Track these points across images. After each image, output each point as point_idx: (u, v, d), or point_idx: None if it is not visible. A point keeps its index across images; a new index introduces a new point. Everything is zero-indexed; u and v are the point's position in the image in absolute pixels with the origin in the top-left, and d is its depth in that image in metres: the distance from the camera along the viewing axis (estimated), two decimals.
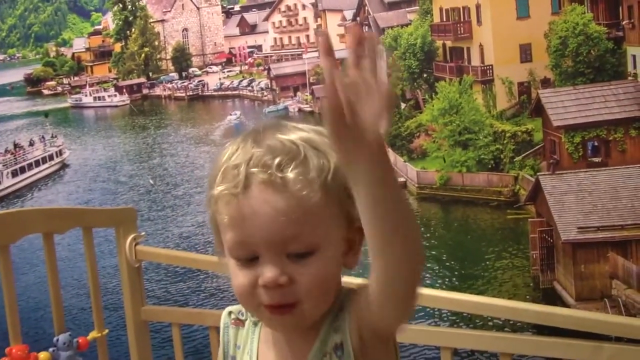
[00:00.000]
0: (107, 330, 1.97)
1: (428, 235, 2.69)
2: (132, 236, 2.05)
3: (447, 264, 2.67)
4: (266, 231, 0.79)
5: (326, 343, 0.86)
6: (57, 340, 1.61)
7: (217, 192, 0.82)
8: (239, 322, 0.94)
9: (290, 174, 0.79)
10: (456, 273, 2.62)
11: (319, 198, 0.80)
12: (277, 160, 0.80)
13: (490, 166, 3.30)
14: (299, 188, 0.79)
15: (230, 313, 0.95)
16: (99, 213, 2.00)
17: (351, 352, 0.83)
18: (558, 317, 1.45)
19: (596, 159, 2.73)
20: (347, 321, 0.84)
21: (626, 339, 1.44)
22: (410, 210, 0.77)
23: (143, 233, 2.16)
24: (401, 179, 2.83)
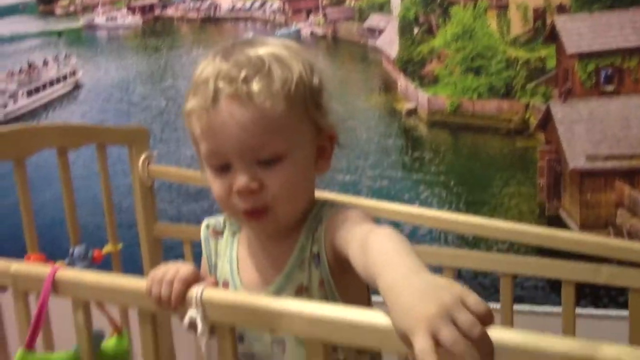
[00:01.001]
0: (121, 245, 2.01)
1: (437, 161, 2.67)
2: (145, 155, 2.07)
3: (455, 190, 2.64)
4: (235, 142, 0.84)
5: (304, 251, 0.91)
6: (73, 251, 1.64)
7: (189, 107, 0.87)
8: (217, 234, 1.00)
9: (255, 87, 0.83)
10: (463, 199, 2.62)
11: (283, 109, 0.84)
12: (242, 74, 0.83)
13: (501, 93, 3.22)
14: (263, 100, 0.83)
15: (207, 226, 1.01)
16: (112, 131, 2.01)
17: (326, 263, 0.88)
18: (559, 240, 1.47)
19: (609, 88, 2.66)
20: (323, 238, 0.88)
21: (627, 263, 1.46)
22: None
23: (155, 152, 2.18)
24: (411, 105, 2.81)
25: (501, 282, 1.57)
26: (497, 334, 0.60)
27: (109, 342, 1.10)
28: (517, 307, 1.56)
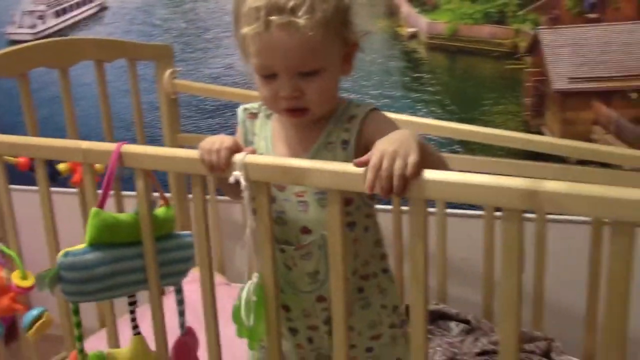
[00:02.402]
0: None
1: (434, 82, 2.81)
2: (170, 70, 2.26)
3: (449, 108, 2.78)
4: (283, 59, 1.04)
5: (331, 136, 1.13)
6: None
7: (244, 31, 1.05)
8: (253, 116, 1.22)
9: (301, 20, 1.01)
10: (456, 116, 2.77)
11: (321, 35, 1.03)
12: (290, 6, 1.02)
13: (495, 19, 3.32)
14: (308, 30, 1.02)
15: (245, 109, 1.23)
16: (141, 47, 2.19)
17: (353, 149, 1.10)
18: (536, 143, 1.69)
19: (592, 15, 2.76)
20: (355, 132, 1.11)
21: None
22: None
23: (179, 68, 2.36)
24: (413, 29, 2.91)
25: None
26: (443, 175, 0.88)
27: (159, 210, 1.32)
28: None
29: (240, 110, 1.24)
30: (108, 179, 1.21)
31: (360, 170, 0.95)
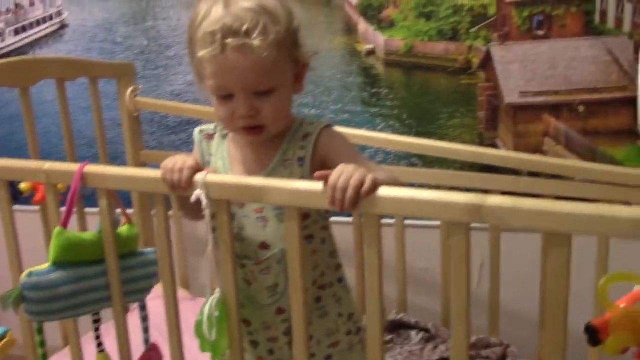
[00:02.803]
0: None
1: (392, 97, 2.86)
2: (131, 88, 2.28)
3: (407, 122, 2.84)
4: (239, 81, 1.08)
5: (287, 154, 1.17)
6: None
7: (200, 54, 1.09)
8: (209, 137, 1.26)
9: (255, 42, 1.06)
10: (414, 130, 2.83)
11: (274, 56, 1.08)
12: (244, 29, 1.05)
13: (449, 36, 3.39)
14: (262, 51, 1.06)
15: (201, 131, 1.27)
16: (103, 65, 2.20)
17: (309, 166, 1.14)
18: (488, 156, 1.76)
19: (540, 32, 2.85)
20: (311, 149, 1.16)
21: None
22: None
23: (141, 85, 2.38)
24: (370, 46, 2.98)
25: None
26: (395, 191, 0.92)
27: (123, 228, 1.34)
28: None
29: (196, 132, 1.28)
30: (71, 199, 1.22)
31: (318, 187, 0.99)
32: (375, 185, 0.94)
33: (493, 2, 2.21)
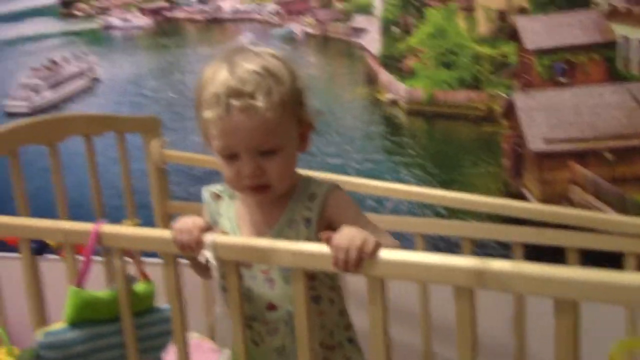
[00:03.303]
0: (139, 220, 2.25)
1: (414, 145, 2.86)
2: (157, 141, 2.32)
3: (430, 170, 2.82)
4: (244, 141, 1.10)
5: (294, 214, 1.16)
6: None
7: (206, 116, 1.12)
8: (217, 197, 1.26)
9: (259, 103, 1.07)
10: (437, 178, 2.80)
11: (278, 116, 1.10)
12: (248, 91, 1.07)
13: (470, 85, 3.40)
14: (266, 112, 1.08)
15: (209, 191, 1.28)
16: (130, 120, 2.25)
17: (315, 227, 1.14)
18: (511, 208, 1.73)
19: (563, 80, 2.83)
20: (318, 210, 1.16)
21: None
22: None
23: (167, 138, 2.43)
24: (392, 96, 2.99)
25: (462, 245, 1.83)
26: (398, 254, 0.91)
27: (139, 286, 1.35)
28: None
29: (204, 192, 1.29)
30: (87, 258, 1.24)
31: (322, 248, 0.98)
32: (377, 247, 0.93)
33: (513, 51, 2.20)
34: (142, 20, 2.76)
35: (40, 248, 1.65)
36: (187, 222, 1.13)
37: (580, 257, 1.68)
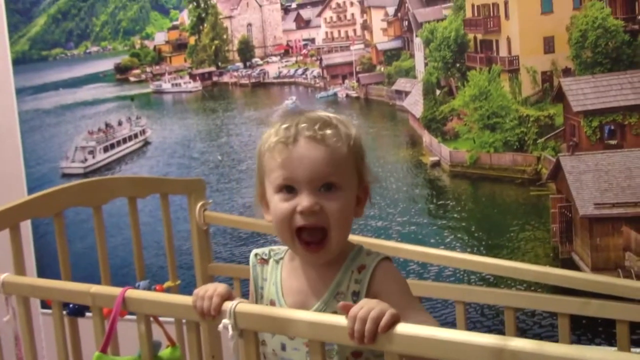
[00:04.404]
0: (179, 281, 2.25)
1: (459, 209, 2.76)
2: (201, 203, 2.34)
3: (476, 234, 2.74)
4: (308, 171, 1.07)
5: (341, 285, 1.11)
6: (139, 285, 1.89)
7: (272, 142, 1.10)
8: (264, 261, 1.22)
9: (328, 132, 1.08)
10: (483, 243, 2.70)
11: (345, 151, 1.09)
12: (317, 125, 1.08)
13: (515, 147, 3.31)
14: (334, 142, 1.07)
15: (256, 255, 1.24)
16: (174, 182, 2.29)
17: None
18: (553, 276, 1.64)
19: (612, 142, 2.71)
20: (366, 283, 1.11)
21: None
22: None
23: (210, 200, 2.45)
24: (435, 158, 2.96)
25: (505, 314, 1.75)
26: (415, 329, 0.88)
27: (165, 351, 1.34)
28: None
29: (252, 256, 1.25)
30: (111, 324, 1.24)
31: (340, 320, 0.95)
32: (394, 320, 0.89)
33: (559, 112, 2.15)
34: (192, 85, 2.85)
35: (79, 309, 1.67)
36: (209, 289, 1.11)
37: (630, 329, 1.57)
